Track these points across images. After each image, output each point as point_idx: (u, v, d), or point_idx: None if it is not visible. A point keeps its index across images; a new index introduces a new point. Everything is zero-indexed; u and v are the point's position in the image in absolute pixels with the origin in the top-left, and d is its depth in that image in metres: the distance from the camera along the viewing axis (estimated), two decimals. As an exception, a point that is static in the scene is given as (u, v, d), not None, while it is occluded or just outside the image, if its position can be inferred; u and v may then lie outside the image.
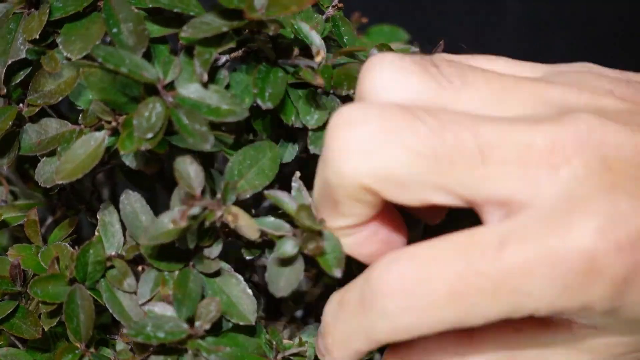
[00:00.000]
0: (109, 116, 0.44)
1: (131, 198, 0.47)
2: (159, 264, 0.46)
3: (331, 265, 0.42)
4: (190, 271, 0.46)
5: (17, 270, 0.48)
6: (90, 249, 0.47)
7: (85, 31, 0.45)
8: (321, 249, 0.42)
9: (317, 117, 0.46)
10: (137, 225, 0.47)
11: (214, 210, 0.43)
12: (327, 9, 0.50)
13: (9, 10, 0.47)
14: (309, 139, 0.46)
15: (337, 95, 0.46)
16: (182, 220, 0.42)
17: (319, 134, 0.46)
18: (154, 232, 0.42)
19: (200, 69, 0.43)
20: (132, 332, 0.43)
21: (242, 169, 0.46)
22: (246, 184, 0.46)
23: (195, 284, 0.46)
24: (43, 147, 0.47)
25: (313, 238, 0.43)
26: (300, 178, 0.45)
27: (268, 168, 0.46)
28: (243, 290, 0.46)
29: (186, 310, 0.45)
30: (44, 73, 0.47)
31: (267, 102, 0.44)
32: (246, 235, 0.43)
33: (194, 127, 0.41)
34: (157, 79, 0.43)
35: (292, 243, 0.43)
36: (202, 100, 0.43)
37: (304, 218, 0.43)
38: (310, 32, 0.46)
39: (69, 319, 0.46)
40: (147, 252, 0.46)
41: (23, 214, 0.53)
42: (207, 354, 0.44)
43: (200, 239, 0.45)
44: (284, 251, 0.43)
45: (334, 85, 0.46)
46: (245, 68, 0.46)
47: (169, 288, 0.46)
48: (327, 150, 0.40)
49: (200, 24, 0.42)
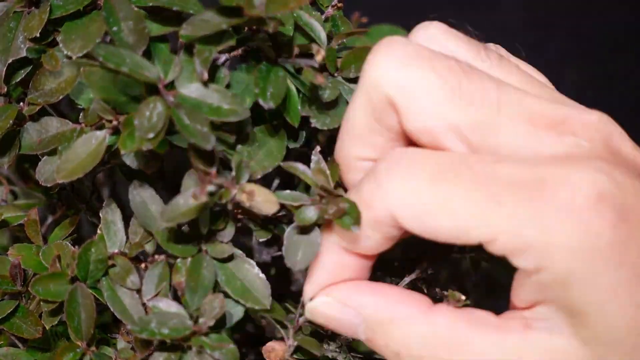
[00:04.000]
0: (109, 115, 0.44)
1: (140, 188, 0.47)
2: (173, 249, 0.46)
3: (349, 224, 0.43)
4: (204, 257, 0.46)
5: (17, 270, 0.48)
6: (92, 248, 0.47)
7: (86, 29, 0.45)
8: (342, 212, 0.43)
9: (328, 92, 0.46)
10: (148, 215, 0.47)
11: (229, 188, 0.43)
12: (327, 9, 0.50)
13: (9, 8, 0.47)
14: (311, 116, 0.47)
15: (344, 77, 0.47)
16: (202, 195, 0.42)
17: (322, 111, 0.47)
18: (172, 213, 0.42)
19: (200, 67, 0.43)
20: (136, 328, 0.43)
21: (251, 150, 0.46)
22: (256, 165, 0.46)
23: (208, 271, 0.46)
24: (44, 146, 0.47)
25: (333, 202, 0.43)
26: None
27: (276, 149, 0.46)
28: (257, 275, 0.47)
29: (197, 299, 0.45)
30: (44, 72, 0.47)
31: (269, 102, 0.44)
32: (263, 212, 0.43)
33: (195, 127, 0.41)
34: (157, 79, 0.43)
35: (312, 209, 0.44)
36: (203, 99, 0.43)
37: (322, 181, 0.43)
38: (310, 19, 0.46)
39: (70, 317, 0.46)
40: (162, 238, 0.46)
41: (23, 214, 0.53)
42: (211, 351, 0.44)
43: (213, 222, 0.45)
44: (304, 218, 0.44)
45: (341, 68, 0.47)
46: (246, 67, 0.46)
47: (182, 276, 0.46)
48: (365, 64, 0.43)
49: (200, 22, 0.42)
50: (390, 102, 0.42)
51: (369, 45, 0.45)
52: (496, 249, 0.40)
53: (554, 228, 0.39)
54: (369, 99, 0.43)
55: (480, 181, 0.40)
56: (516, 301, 0.42)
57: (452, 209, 0.40)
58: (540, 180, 0.39)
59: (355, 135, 0.44)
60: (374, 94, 0.42)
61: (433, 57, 0.42)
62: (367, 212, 0.42)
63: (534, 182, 0.39)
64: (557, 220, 0.39)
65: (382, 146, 0.44)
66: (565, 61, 0.99)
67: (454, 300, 0.44)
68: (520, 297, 0.41)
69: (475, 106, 0.41)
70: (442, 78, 0.41)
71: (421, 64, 0.42)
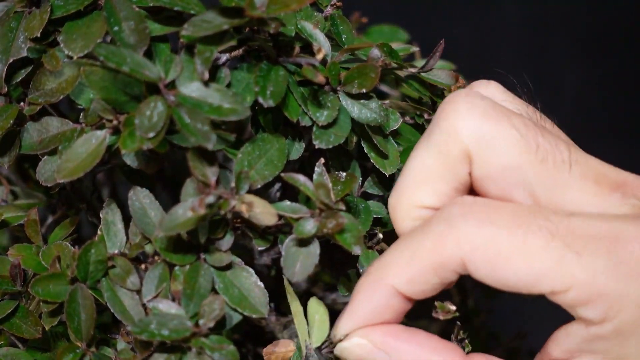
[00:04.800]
0: (110, 115, 0.44)
1: (139, 194, 0.47)
2: (171, 257, 0.46)
3: (350, 243, 0.43)
4: (201, 265, 0.46)
5: (17, 270, 0.48)
6: (92, 248, 0.47)
7: (87, 29, 0.45)
8: (341, 227, 0.43)
9: (326, 114, 0.46)
10: (147, 221, 0.47)
11: (228, 199, 0.43)
12: (326, 8, 0.50)
13: (10, 9, 0.47)
14: (314, 135, 0.47)
15: (346, 93, 0.47)
16: (200, 207, 0.42)
17: (324, 129, 0.47)
18: (170, 223, 0.42)
19: (201, 67, 0.43)
20: (136, 329, 0.43)
21: (251, 159, 0.46)
22: (256, 174, 0.46)
23: (205, 279, 0.46)
24: (44, 146, 0.47)
25: (332, 216, 0.43)
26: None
27: (277, 158, 0.46)
28: (254, 283, 0.46)
29: (193, 306, 0.45)
30: (45, 71, 0.47)
31: (269, 100, 0.44)
32: (262, 222, 0.43)
33: (196, 126, 0.41)
34: (158, 78, 0.43)
35: (311, 222, 0.44)
36: (203, 99, 0.43)
37: (323, 195, 0.43)
38: (314, 30, 0.46)
39: (70, 318, 0.46)
40: (160, 245, 0.46)
41: (23, 214, 0.53)
42: (211, 352, 0.44)
43: (212, 231, 0.45)
44: (303, 230, 0.44)
45: (343, 82, 0.46)
46: (246, 66, 0.46)
47: (180, 283, 0.46)
48: (441, 110, 0.44)
49: (201, 22, 0.42)
50: (467, 151, 0.43)
51: (372, 63, 0.46)
52: (567, 299, 0.41)
53: (629, 280, 0.40)
54: (444, 146, 0.44)
55: (558, 231, 0.41)
56: (554, 350, 0.43)
57: (529, 257, 0.41)
58: (615, 235, 0.41)
59: (420, 181, 0.45)
60: (451, 142, 0.43)
61: (510, 113, 0.44)
62: (433, 255, 0.42)
63: (610, 236, 0.41)
64: (631, 273, 0.40)
65: (446, 195, 0.44)
66: (566, 61, 0.99)
67: (444, 311, 0.44)
68: (563, 347, 0.43)
69: (548, 163, 0.43)
70: (520, 133, 0.43)
71: (500, 118, 0.43)
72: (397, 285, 0.43)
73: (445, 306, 0.44)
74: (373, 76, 0.46)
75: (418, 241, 0.43)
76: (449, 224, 0.42)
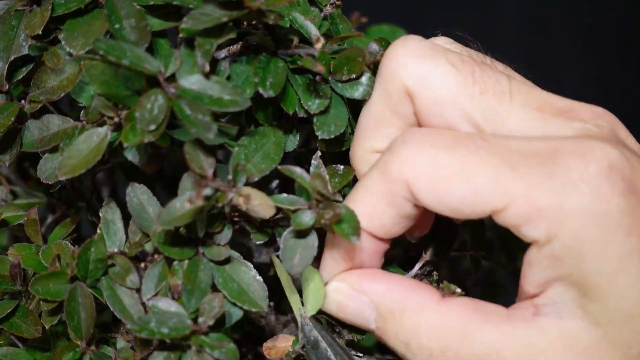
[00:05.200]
0: (111, 111, 0.44)
1: (137, 190, 0.47)
2: (170, 252, 0.46)
3: (348, 234, 0.43)
4: (200, 260, 0.46)
5: (17, 270, 0.48)
6: (92, 247, 0.47)
7: (88, 27, 0.45)
8: (339, 217, 0.43)
9: (318, 102, 0.47)
10: (145, 217, 0.47)
11: (225, 191, 0.43)
12: (325, 7, 0.50)
13: (11, 7, 0.47)
14: (315, 125, 0.47)
15: (337, 80, 0.47)
16: (198, 199, 0.42)
17: (323, 119, 0.47)
18: (168, 216, 0.43)
19: (201, 59, 0.43)
20: (136, 327, 0.43)
21: (248, 153, 0.46)
22: (253, 167, 0.46)
23: (205, 274, 0.46)
24: (45, 144, 0.47)
25: (329, 207, 0.43)
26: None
27: (273, 152, 0.47)
28: (253, 277, 0.46)
29: (195, 302, 0.45)
30: (46, 69, 0.47)
31: (269, 90, 0.45)
32: (259, 215, 0.44)
33: (197, 117, 0.42)
34: (158, 71, 0.43)
35: (308, 214, 0.44)
36: (203, 91, 0.43)
37: (320, 186, 0.43)
38: (305, 22, 0.47)
39: (70, 316, 0.46)
40: (159, 240, 0.46)
41: (23, 213, 0.53)
42: (211, 350, 0.44)
43: (210, 225, 0.45)
44: (300, 222, 0.44)
45: (333, 71, 0.47)
46: (245, 59, 0.47)
47: (178, 278, 0.45)
48: (383, 59, 0.45)
49: (200, 15, 0.43)
50: (407, 91, 0.44)
51: (358, 47, 0.46)
52: (508, 217, 0.41)
53: (566, 192, 0.40)
54: (387, 90, 0.45)
55: (495, 150, 0.41)
56: (526, 286, 0.42)
57: (467, 174, 0.41)
58: (554, 150, 0.41)
59: (371, 127, 0.46)
60: (391, 85, 0.45)
61: (447, 51, 0.44)
62: (382, 185, 0.43)
63: (547, 152, 0.41)
64: (569, 185, 0.40)
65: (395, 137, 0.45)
66: (566, 61, 0.99)
67: (449, 291, 0.44)
68: (530, 279, 0.42)
69: (487, 94, 0.43)
70: (455, 67, 0.44)
71: (437, 55, 0.44)
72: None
73: (450, 286, 0.44)
74: (360, 60, 0.47)
75: (368, 175, 0.44)
76: (391, 151, 0.43)
